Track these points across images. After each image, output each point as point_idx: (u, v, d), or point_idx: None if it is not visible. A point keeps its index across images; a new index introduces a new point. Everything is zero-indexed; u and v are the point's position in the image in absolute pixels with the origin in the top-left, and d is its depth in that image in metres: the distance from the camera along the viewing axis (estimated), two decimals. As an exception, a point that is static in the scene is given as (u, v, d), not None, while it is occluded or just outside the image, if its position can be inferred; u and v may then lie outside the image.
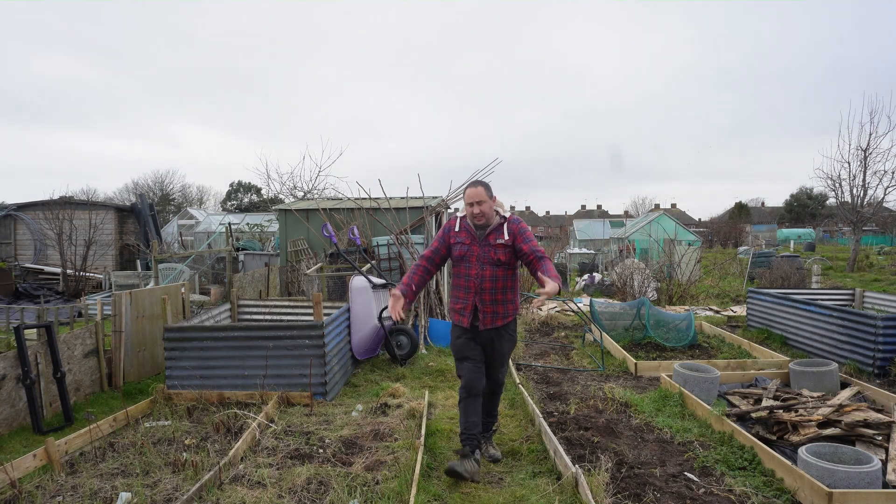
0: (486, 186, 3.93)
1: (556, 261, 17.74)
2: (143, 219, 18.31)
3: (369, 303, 6.82)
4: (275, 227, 21.93)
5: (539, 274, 3.76)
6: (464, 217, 4.05)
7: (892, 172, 19.61)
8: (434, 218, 12.49)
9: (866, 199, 20.15)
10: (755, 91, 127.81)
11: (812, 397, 5.06)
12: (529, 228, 4.03)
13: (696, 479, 3.88)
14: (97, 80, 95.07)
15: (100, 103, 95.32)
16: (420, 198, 12.84)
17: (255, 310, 7.92)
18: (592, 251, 21.29)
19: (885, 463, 3.88)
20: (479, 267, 3.93)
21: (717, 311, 10.92)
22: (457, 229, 4.05)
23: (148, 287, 9.01)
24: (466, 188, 3.97)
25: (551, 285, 3.54)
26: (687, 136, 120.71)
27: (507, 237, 3.93)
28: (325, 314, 6.95)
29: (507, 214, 4.03)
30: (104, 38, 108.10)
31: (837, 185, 20.57)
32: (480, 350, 4.10)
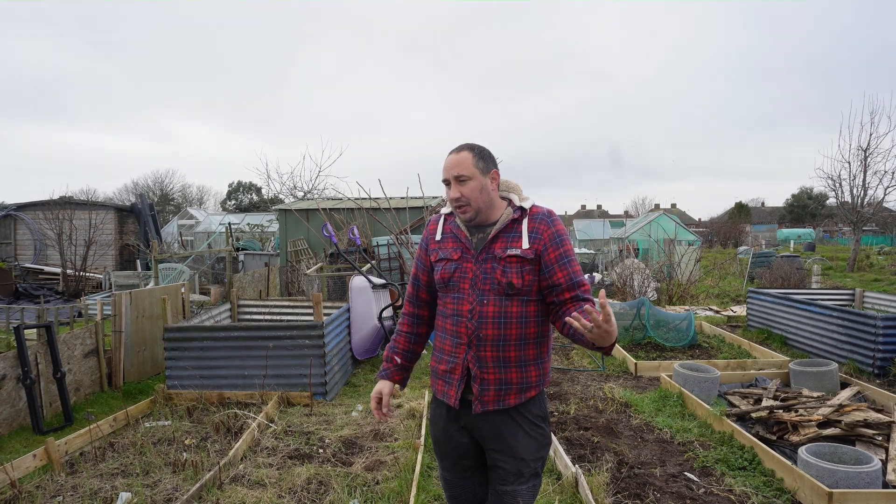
0: (477, 151, 2.22)
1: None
2: (143, 219, 18.34)
3: (369, 303, 6.82)
4: (275, 227, 21.94)
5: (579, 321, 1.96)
6: (451, 214, 2.37)
7: (893, 172, 19.64)
8: (434, 218, 12.46)
9: (866, 199, 20.17)
10: (778, 85, 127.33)
11: (812, 397, 5.06)
12: (567, 233, 2.29)
13: (696, 479, 3.88)
14: (88, 74, 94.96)
15: (93, 99, 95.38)
16: (420, 198, 12.85)
17: (255, 310, 7.93)
18: (592, 251, 21.31)
19: (885, 463, 3.89)
20: (476, 298, 2.20)
21: (717, 311, 10.92)
22: (438, 237, 2.35)
23: (148, 287, 9.01)
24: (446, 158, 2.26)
25: (610, 325, 1.88)
26: (696, 135, 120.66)
27: (526, 244, 2.18)
28: (325, 314, 6.95)
29: (528, 204, 2.27)
30: (92, 28, 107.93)
31: (837, 184, 20.60)
32: (474, 449, 2.36)
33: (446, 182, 2.22)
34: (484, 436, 2.27)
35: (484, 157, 2.22)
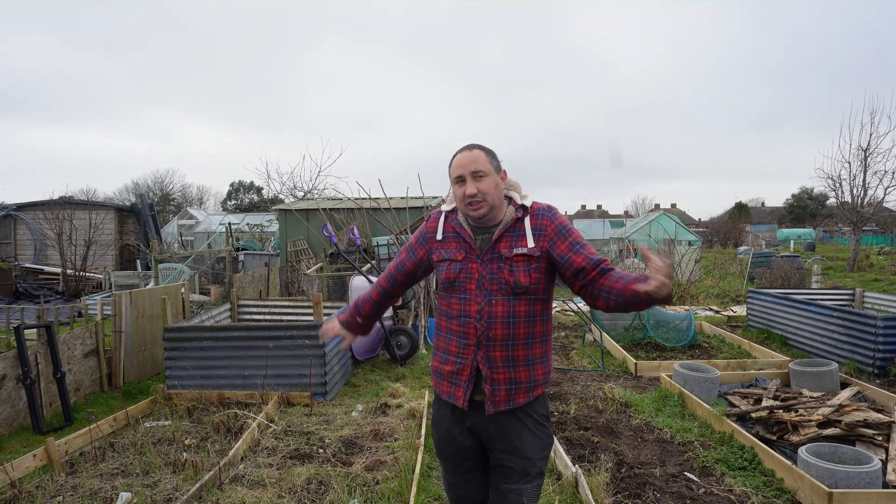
0: (487, 150, 2.23)
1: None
2: (143, 219, 18.33)
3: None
4: (275, 227, 21.94)
5: (632, 286, 2.02)
6: (452, 212, 2.34)
7: (893, 172, 19.62)
8: (434, 218, 12.46)
9: (866, 199, 20.16)
10: (779, 84, 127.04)
11: (812, 397, 5.06)
12: (570, 223, 2.31)
13: (696, 479, 3.88)
14: (88, 73, 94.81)
15: (93, 99, 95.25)
16: (420, 198, 12.86)
17: (255, 310, 7.92)
18: (592, 251, 21.28)
19: (885, 463, 3.89)
20: (485, 299, 2.20)
21: (718, 311, 10.91)
22: (439, 236, 2.32)
23: (148, 287, 9.01)
24: (454, 156, 2.25)
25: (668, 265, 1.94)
26: (696, 135, 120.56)
27: (532, 243, 2.19)
28: (325, 314, 6.95)
29: (528, 202, 2.27)
30: (92, 27, 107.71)
31: (838, 184, 20.57)
32: (475, 451, 2.38)
33: (460, 179, 2.19)
34: (490, 436, 2.29)
35: (494, 156, 2.25)
